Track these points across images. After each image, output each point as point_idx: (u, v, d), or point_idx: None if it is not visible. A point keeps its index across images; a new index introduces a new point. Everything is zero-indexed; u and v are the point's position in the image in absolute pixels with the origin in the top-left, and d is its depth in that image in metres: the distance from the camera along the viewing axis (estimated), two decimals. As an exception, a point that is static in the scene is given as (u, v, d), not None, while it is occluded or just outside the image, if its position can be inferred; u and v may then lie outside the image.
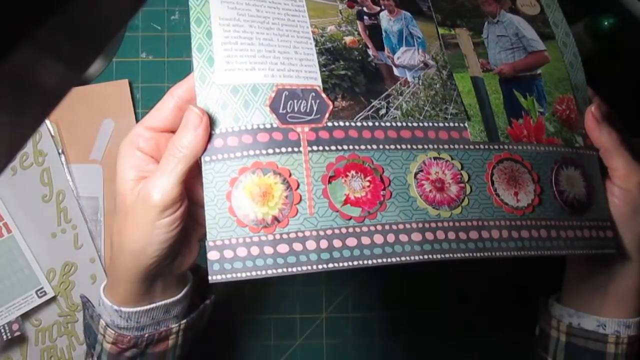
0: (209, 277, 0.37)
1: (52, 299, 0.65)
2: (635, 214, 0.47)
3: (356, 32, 0.45)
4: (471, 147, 0.43)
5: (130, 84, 0.68)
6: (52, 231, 0.64)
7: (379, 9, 0.46)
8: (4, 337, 0.60)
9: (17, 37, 0.18)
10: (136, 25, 0.69)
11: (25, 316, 0.63)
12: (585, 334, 0.49)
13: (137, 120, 0.66)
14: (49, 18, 0.19)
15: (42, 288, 0.62)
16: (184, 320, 0.45)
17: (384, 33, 0.45)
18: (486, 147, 0.44)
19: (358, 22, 0.45)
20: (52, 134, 0.65)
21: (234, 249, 0.37)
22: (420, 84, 0.44)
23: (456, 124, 0.43)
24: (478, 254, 0.41)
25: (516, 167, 0.44)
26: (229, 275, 0.37)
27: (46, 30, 0.19)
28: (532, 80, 0.48)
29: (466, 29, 0.48)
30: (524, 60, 0.48)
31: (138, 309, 0.42)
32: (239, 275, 0.37)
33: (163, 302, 0.43)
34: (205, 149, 0.38)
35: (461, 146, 0.43)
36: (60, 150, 0.65)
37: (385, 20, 0.46)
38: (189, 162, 0.37)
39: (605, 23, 0.61)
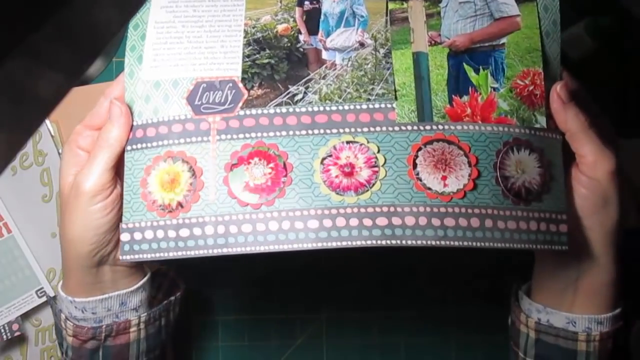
0: (120, 257, 0.45)
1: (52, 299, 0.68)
2: (605, 206, 0.45)
3: (291, 19, 0.49)
4: (396, 128, 0.44)
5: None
6: (52, 231, 0.67)
7: (322, -8, 0.50)
8: (4, 337, 0.63)
9: (10, 46, 0.20)
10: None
11: (25, 316, 0.65)
12: (555, 332, 0.48)
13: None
14: (42, 25, 0.20)
15: (42, 288, 0.64)
16: (145, 313, 0.51)
17: (322, 16, 0.48)
18: (414, 128, 0.44)
19: (297, 8, 0.49)
20: (52, 134, 0.68)
21: (143, 232, 0.44)
22: (349, 65, 0.46)
23: (382, 105, 0.44)
24: (383, 242, 0.42)
25: (449, 149, 0.43)
26: (136, 256, 0.44)
27: (39, 38, 0.20)
28: (490, 52, 0.46)
29: (422, 0, 0.48)
30: (485, 30, 0.46)
31: (90, 299, 0.48)
32: (145, 256, 0.44)
33: (116, 293, 0.49)
34: (128, 139, 0.46)
35: (383, 128, 0.44)
36: (60, 150, 0.67)
37: (329, 2, 0.49)
38: (114, 151, 0.45)
39: (605, 23, 0.63)
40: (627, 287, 0.52)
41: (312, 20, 0.48)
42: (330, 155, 0.43)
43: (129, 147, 0.46)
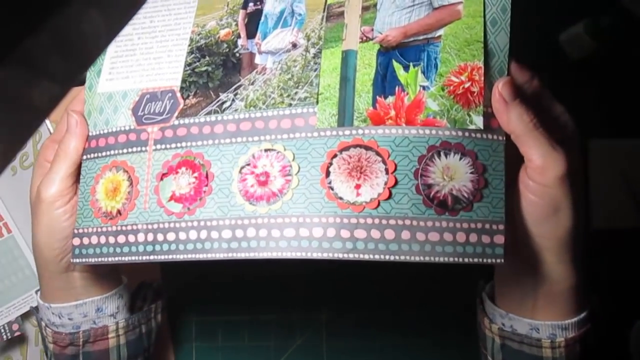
0: (72, 259, 0.51)
1: (52, 299, 0.71)
2: (556, 213, 0.42)
3: (234, 23, 0.50)
4: (314, 134, 0.44)
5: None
6: None
7: (268, -9, 0.50)
8: (4, 337, 0.65)
9: (2, 53, 0.20)
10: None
11: (25, 316, 0.67)
12: (519, 338, 0.48)
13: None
14: (33, 34, 0.21)
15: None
16: (122, 319, 0.56)
17: (263, 17, 0.49)
18: (333, 133, 0.43)
19: (241, 10, 0.50)
20: (52, 133, 0.71)
21: (90, 237, 0.49)
22: (278, 69, 0.47)
23: (303, 110, 0.44)
24: (290, 254, 0.42)
25: (366, 155, 0.42)
26: (84, 260, 0.49)
27: (33, 45, 0.21)
28: (423, 47, 0.43)
29: (362, -7, 0.47)
30: (421, 21, 0.44)
31: (65, 304, 0.53)
32: (91, 260, 0.49)
33: (91, 299, 0.53)
34: (84, 149, 0.51)
35: (302, 134, 0.44)
36: None
37: (271, 1, 0.49)
38: (71, 160, 0.50)
39: (605, 23, 0.65)
40: (627, 287, 0.54)
41: (253, 23, 0.49)
42: (249, 164, 0.45)
43: (84, 157, 0.51)
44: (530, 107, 0.42)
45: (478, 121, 0.42)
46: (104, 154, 0.50)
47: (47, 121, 0.73)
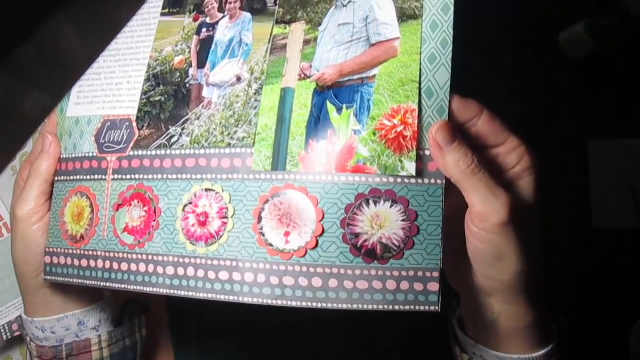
0: (44, 276, 0.55)
1: (52, 299, 0.72)
2: (501, 259, 0.42)
3: (187, 50, 0.51)
4: (250, 177, 0.45)
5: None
6: None
7: (221, 16, 0.50)
8: (4, 337, 0.66)
9: None
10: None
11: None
12: None
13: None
14: (24, 44, 0.21)
15: None
16: (105, 332, 0.59)
17: (213, 45, 0.50)
18: (267, 177, 0.44)
19: (194, 36, 0.51)
20: None
21: (59, 257, 0.53)
22: (222, 104, 0.47)
23: (242, 150, 0.45)
24: (223, 297, 0.44)
25: (296, 202, 0.43)
26: (54, 277, 0.53)
27: (21, 57, 0.21)
28: (357, 87, 0.43)
29: (304, 22, 0.46)
30: (357, 59, 0.43)
31: (47, 318, 0.56)
32: (60, 279, 0.53)
33: (72, 313, 0.56)
34: (57, 170, 0.55)
35: (240, 176, 0.45)
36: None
37: (222, 29, 0.50)
38: (43, 179, 0.54)
39: (605, 23, 0.67)
40: (627, 287, 0.56)
41: (204, 51, 0.50)
42: (191, 203, 0.47)
43: (56, 178, 0.55)
44: (470, 150, 0.41)
45: (410, 167, 0.41)
46: (71, 178, 0.54)
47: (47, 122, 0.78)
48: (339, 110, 0.43)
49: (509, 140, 0.43)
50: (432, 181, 0.42)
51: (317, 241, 0.43)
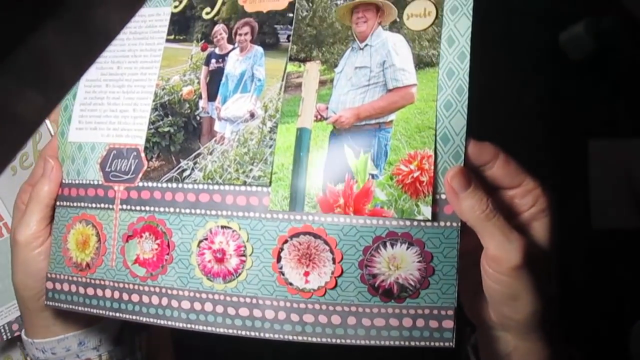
0: (45, 302, 0.55)
1: (52, 300, 0.72)
2: (515, 300, 0.44)
3: (196, 81, 0.51)
4: (267, 216, 0.46)
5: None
6: None
7: (231, 47, 0.51)
8: (4, 337, 0.66)
9: None
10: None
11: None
12: None
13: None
14: (23, 46, 0.21)
15: None
16: (105, 352, 0.60)
17: (224, 78, 0.50)
18: (285, 217, 0.46)
19: (203, 67, 0.51)
20: (52, 134, 0.70)
21: (62, 283, 0.54)
22: (236, 140, 0.48)
23: (257, 189, 0.47)
24: (244, 332, 0.46)
25: (315, 243, 0.45)
26: (56, 304, 0.54)
27: (18, 58, 0.21)
28: (375, 132, 0.44)
29: (319, 62, 0.47)
30: (374, 103, 0.45)
31: (47, 339, 0.56)
32: (63, 305, 0.54)
33: (72, 334, 0.57)
34: (58, 195, 0.55)
35: (256, 214, 0.47)
36: None
37: (232, 61, 0.50)
38: (44, 203, 0.54)
39: (605, 23, 0.69)
40: (627, 287, 0.56)
41: (214, 83, 0.51)
42: (207, 239, 0.48)
43: (58, 203, 0.55)
44: (485, 195, 0.43)
45: (426, 211, 0.44)
46: (75, 204, 0.54)
47: (47, 121, 0.74)
48: (357, 154, 0.45)
49: (524, 183, 0.45)
50: (448, 224, 0.44)
51: (336, 281, 0.45)
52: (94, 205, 0.53)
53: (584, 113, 0.73)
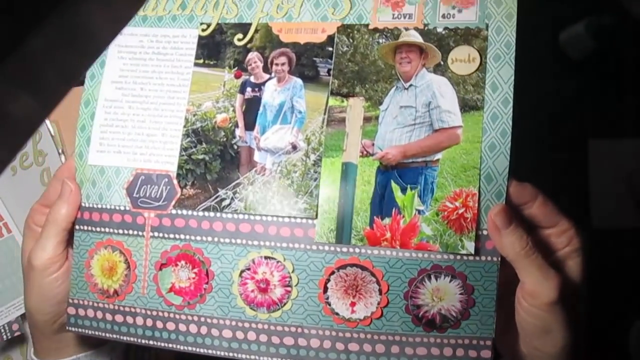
0: (67, 327, 0.55)
1: (52, 299, 0.74)
2: (548, 333, 0.47)
3: (231, 109, 0.52)
4: (313, 247, 0.48)
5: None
6: None
7: (267, 77, 0.52)
8: (4, 337, 0.67)
9: None
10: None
11: (25, 316, 0.63)
12: None
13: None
14: (21, 48, 0.21)
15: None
16: None
17: (261, 108, 0.51)
18: (331, 249, 0.48)
19: (238, 95, 0.52)
20: (52, 134, 0.73)
21: (85, 309, 0.53)
22: (278, 171, 0.50)
23: (303, 221, 0.49)
24: None
25: (362, 275, 0.48)
26: (80, 330, 0.54)
27: (18, 62, 0.21)
28: (422, 169, 0.48)
29: (363, 99, 0.50)
30: (421, 142, 0.48)
31: None
32: (87, 331, 0.53)
33: (84, 354, 0.57)
34: (76, 218, 0.54)
35: (302, 245, 0.49)
36: (60, 150, 0.72)
37: (270, 91, 0.52)
38: (61, 227, 0.53)
39: (605, 23, 0.70)
40: (627, 287, 0.58)
41: (251, 112, 0.52)
42: (249, 269, 0.49)
43: (77, 227, 0.54)
44: (526, 232, 0.46)
45: (470, 246, 0.47)
46: (98, 229, 0.53)
47: (47, 122, 0.74)
48: (404, 190, 0.48)
49: (560, 223, 0.48)
50: (489, 258, 0.47)
51: (382, 311, 0.47)
52: (121, 231, 0.52)
53: (584, 113, 0.76)
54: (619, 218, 0.73)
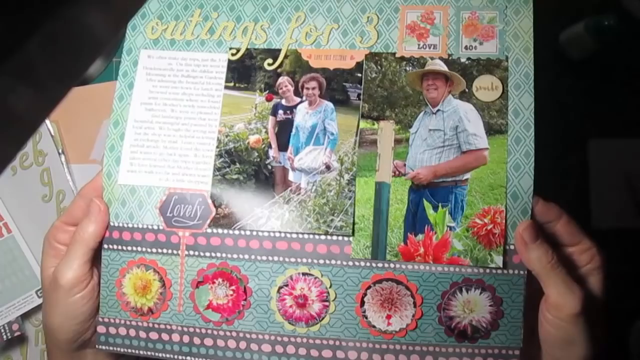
0: (97, 346, 0.55)
1: (52, 299, 0.76)
2: (570, 345, 0.50)
3: (264, 130, 0.55)
4: (350, 263, 0.51)
5: (130, 83, 0.81)
6: None
7: (298, 100, 0.55)
8: (4, 337, 0.68)
9: None
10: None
11: (25, 316, 0.70)
12: None
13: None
14: (23, 45, 0.22)
15: (42, 288, 0.67)
16: None
17: (294, 130, 0.54)
18: (367, 264, 0.51)
19: (270, 117, 0.55)
20: (52, 134, 0.74)
21: (117, 327, 0.54)
22: (313, 190, 0.53)
23: (339, 238, 0.51)
24: None
25: (397, 289, 0.51)
26: (111, 348, 0.54)
27: (20, 58, 0.22)
28: (452, 188, 0.51)
29: (393, 122, 0.53)
30: (450, 163, 0.52)
31: None
32: (119, 349, 0.54)
33: None
34: (104, 237, 0.55)
35: (338, 262, 0.51)
36: (60, 150, 0.74)
37: (302, 113, 0.55)
38: (89, 246, 0.54)
39: (605, 23, 0.70)
40: (627, 287, 0.58)
41: (284, 133, 0.54)
42: (287, 285, 0.51)
43: (105, 246, 0.54)
44: (551, 248, 0.50)
45: (498, 260, 0.51)
46: (129, 248, 0.54)
47: (47, 122, 0.75)
48: (435, 207, 0.51)
49: (582, 242, 0.52)
50: (516, 272, 0.51)
51: (417, 323, 0.50)
52: (154, 250, 0.53)
53: (584, 113, 0.77)
54: (619, 218, 0.74)
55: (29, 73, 0.23)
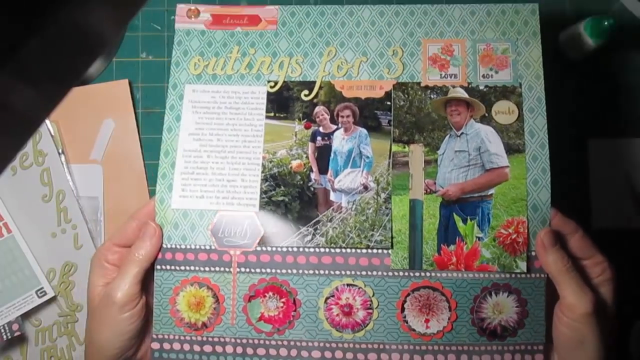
0: None
1: (52, 299, 0.75)
2: (582, 345, 0.55)
3: (304, 155, 0.61)
4: (389, 273, 0.57)
5: (130, 84, 0.81)
6: (52, 231, 0.74)
7: (335, 127, 0.61)
8: (4, 337, 0.69)
9: None
10: (136, 25, 0.82)
11: (25, 316, 0.72)
12: None
13: (137, 121, 0.80)
14: (25, 45, 0.22)
15: (42, 288, 0.71)
16: None
17: (332, 154, 0.60)
18: (405, 274, 0.57)
19: (310, 143, 0.61)
20: (52, 134, 0.76)
21: (171, 343, 0.59)
22: (353, 209, 0.59)
23: (379, 251, 0.57)
24: None
25: (433, 295, 0.57)
26: None
27: (21, 58, 0.22)
28: (478, 203, 0.58)
29: (422, 145, 0.60)
30: (476, 180, 0.58)
31: None
32: None
33: None
34: (157, 258, 0.59)
35: (379, 273, 0.57)
36: (60, 150, 0.75)
37: (339, 139, 0.61)
38: (143, 266, 0.58)
39: (605, 23, 0.69)
40: (627, 287, 0.61)
41: (323, 158, 0.60)
42: (333, 296, 0.57)
43: (158, 266, 0.59)
44: (566, 254, 0.55)
45: (522, 266, 0.57)
46: (182, 268, 0.59)
47: (47, 121, 0.76)
48: (464, 220, 0.57)
49: (595, 256, 0.58)
50: (537, 275, 0.57)
51: (452, 325, 0.56)
52: (207, 268, 0.59)
53: (584, 113, 0.77)
54: (619, 218, 0.74)
55: (30, 73, 0.23)
